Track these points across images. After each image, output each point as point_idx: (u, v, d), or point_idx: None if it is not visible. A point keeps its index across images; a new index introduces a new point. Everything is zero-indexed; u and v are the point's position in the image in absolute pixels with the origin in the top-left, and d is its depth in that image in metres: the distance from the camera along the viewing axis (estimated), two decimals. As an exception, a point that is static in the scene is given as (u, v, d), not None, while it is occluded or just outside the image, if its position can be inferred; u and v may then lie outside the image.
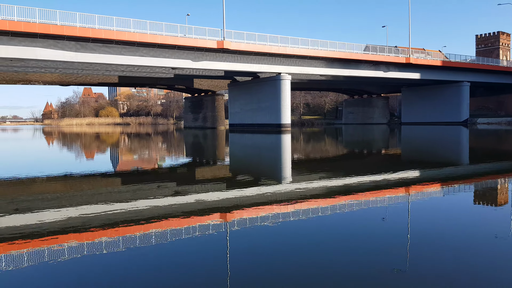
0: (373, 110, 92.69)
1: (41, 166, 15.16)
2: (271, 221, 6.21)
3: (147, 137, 43.27)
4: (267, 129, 57.51)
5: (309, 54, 54.58)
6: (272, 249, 4.82)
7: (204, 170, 13.74)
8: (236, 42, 48.97)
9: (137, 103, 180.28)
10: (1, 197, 8.63)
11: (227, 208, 7.20)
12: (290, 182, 10.26)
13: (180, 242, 5.19)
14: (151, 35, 43.57)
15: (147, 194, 8.59)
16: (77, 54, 41.61)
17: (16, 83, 58.93)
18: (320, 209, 7.02)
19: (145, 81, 64.07)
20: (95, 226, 6.00)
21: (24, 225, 6.08)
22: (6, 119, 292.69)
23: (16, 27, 36.56)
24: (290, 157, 17.94)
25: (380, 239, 5.20)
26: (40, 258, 4.63)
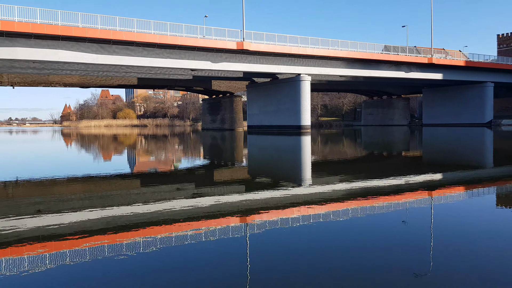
0: (393, 111, 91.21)
1: (61, 167, 15.28)
2: (291, 224, 6.15)
3: (165, 138, 43.15)
4: (286, 130, 56.87)
5: (329, 55, 53.80)
6: (292, 253, 4.75)
7: (223, 172, 13.63)
8: (256, 43, 48.54)
9: (154, 105, 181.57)
10: (24, 198, 8.70)
11: (246, 211, 7.09)
12: (310, 184, 10.05)
13: (200, 244, 5.15)
14: (171, 37, 43.44)
15: (166, 196, 8.59)
16: (98, 56, 41.72)
17: (37, 85, 59.61)
18: (340, 212, 6.93)
19: (164, 83, 64.15)
20: (116, 228, 6.00)
21: (46, 227, 6.09)
22: (25, 121, 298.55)
23: (39, 29, 36.79)
24: (310, 159, 17.68)
25: (402, 243, 5.09)
26: (62, 259, 4.64)
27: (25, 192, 9.48)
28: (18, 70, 48.11)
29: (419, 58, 62.07)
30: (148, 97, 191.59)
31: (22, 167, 15.40)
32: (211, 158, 19.08)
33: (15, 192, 9.49)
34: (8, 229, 5.99)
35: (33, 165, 16.48)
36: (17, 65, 45.56)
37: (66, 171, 13.62)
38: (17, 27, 35.96)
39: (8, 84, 56.34)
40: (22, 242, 5.33)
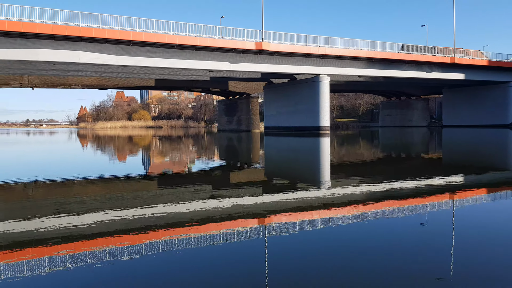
0: (412, 112, 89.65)
1: (79, 168, 15.44)
2: (310, 226, 6.09)
3: (181, 140, 43.07)
4: (304, 132, 56.13)
5: (349, 55, 52.92)
6: (310, 256, 4.73)
7: (240, 173, 13.55)
8: (275, 43, 47.95)
9: (168, 106, 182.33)
10: (43, 199, 8.78)
11: (265, 213, 7.06)
12: (329, 187, 9.92)
13: (219, 247, 5.13)
14: (190, 38, 43.13)
15: (184, 198, 8.58)
16: (117, 57, 41.61)
17: (56, 87, 60.00)
18: (360, 215, 6.82)
19: (181, 84, 64.00)
20: (135, 229, 6.02)
21: (66, 227, 6.16)
22: (42, 122, 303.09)
23: (60, 31, 36.80)
24: (329, 161, 17.51)
25: (423, 247, 5.01)
26: (83, 260, 4.67)
27: (45, 193, 9.52)
28: (38, 72, 48.37)
29: (441, 58, 60.72)
30: (162, 98, 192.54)
31: (41, 168, 15.51)
32: (228, 160, 19.00)
33: (35, 193, 9.56)
34: (29, 229, 6.04)
35: (52, 166, 16.57)
36: (38, 67, 45.76)
37: (84, 172, 13.74)
38: (38, 29, 36.01)
39: (28, 86, 56.80)
40: (43, 243, 5.37)
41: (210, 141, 39.51)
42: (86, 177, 12.46)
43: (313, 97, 55.12)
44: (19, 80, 53.31)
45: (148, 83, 62.30)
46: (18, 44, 36.88)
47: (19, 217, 6.85)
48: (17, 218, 6.83)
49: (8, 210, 7.57)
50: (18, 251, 5.07)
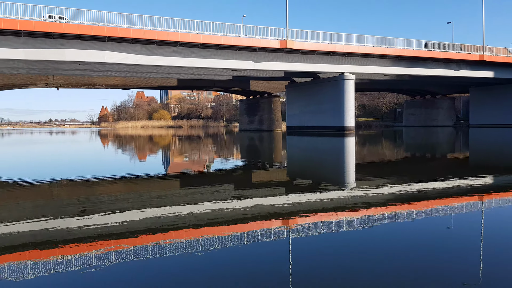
0: (437, 111, 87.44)
1: (102, 168, 15.74)
2: (335, 228, 6.03)
3: (201, 139, 43.00)
4: (328, 131, 55.17)
5: (375, 52, 51.75)
6: (335, 258, 4.69)
7: (263, 173, 13.46)
8: (299, 42, 47.18)
9: (188, 106, 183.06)
10: (68, 198, 8.92)
11: (288, 214, 7.02)
12: (353, 188, 9.83)
13: (243, 248, 5.11)
14: (214, 36, 42.74)
15: (206, 198, 8.57)
16: (142, 57, 41.54)
17: (80, 87, 60.56)
18: (386, 216, 6.74)
19: (203, 84, 63.81)
20: (158, 229, 6.05)
21: (91, 227, 6.19)
22: (65, 122, 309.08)
23: (86, 30, 36.88)
24: (354, 161, 17.30)
25: (451, 250, 4.92)
26: (108, 260, 4.67)
27: (69, 192, 9.67)
28: (63, 72, 48.78)
29: (469, 55, 58.88)
30: (182, 98, 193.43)
31: (65, 167, 15.79)
32: (251, 160, 18.93)
33: (60, 192, 9.71)
34: (55, 229, 6.09)
35: (76, 165, 16.78)
36: (64, 67, 46.11)
37: (107, 171, 13.96)
38: (65, 29, 36.17)
39: (53, 86, 57.48)
40: (69, 242, 5.41)
41: (232, 141, 39.31)
42: (110, 176, 12.56)
43: (337, 96, 54.10)
44: (45, 80, 53.95)
45: (170, 83, 62.31)
46: (45, 44, 37.12)
47: (45, 216, 6.92)
48: (43, 217, 6.89)
49: (35, 209, 7.61)
50: (45, 250, 5.10)
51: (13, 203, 8.38)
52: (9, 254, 4.96)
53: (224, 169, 15.04)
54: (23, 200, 8.70)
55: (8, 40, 35.84)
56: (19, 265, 4.57)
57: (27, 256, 4.87)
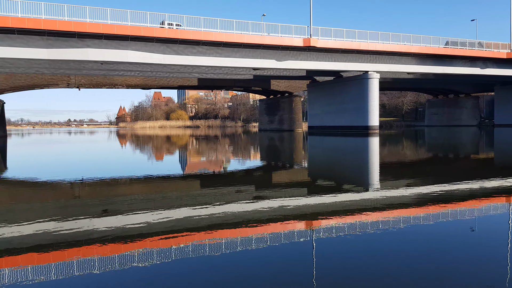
0: (461, 111, 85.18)
1: (123, 167, 15.89)
2: (359, 230, 5.94)
3: (223, 139, 42.69)
4: (351, 131, 54.02)
5: (400, 50, 50.43)
6: (359, 261, 4.60)
7: (286, 174, 13.29)
8: (323, 40, 46.19)
9: (205, 106, 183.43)
10: (90, 198, 8.91)
11: (312, 215, 6.95)
12: (377, 189, 9.62)
13: (266, 249, 5.08)
14: (237, 35, 42.08)
15: (227, 199, 8.49)
16: (164, 56, 41.14)
17: (101, 87, 60.67)
18: (411, 218, 6.67)
19: (223, 83, 63.30)
20: (181, 230, 6.03)
21: (113, 227, 6.18)
22: (83, 122, 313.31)
23: (109, 30, 36.62)
24: (378, 162, 16.98)
25: (476, 254, 4.85)
26: (131, 261, 4.65)
27: (91, 192, 9.69)
28: (86, 72, 48.81)
29: (496, 53, 56.96)
30: (199, 98, 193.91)
31: (86, 167, 15.92)
32: (273, 160, 18.79)
33: (82, 192, 9.71)
34: (79, 229, 6.09)
35: (96, 165, 16.98)
36: (86, 67, 46.13)
37: (127, 171, 14.11)
38: (88, 28, 35.96)
39: (74, 86, 57.70)
40: (93, 242, 5.41)
41: (253, 141, 38.86)
42: (130, 176, 12.61)
43: (361, 95, 52.90)
44: (67, 81, 54.14)
45: (191, 82, 61.95)
46: (69, 44, 36.99)
47: (68, 216, 6.94)
48: (67, 217, 6.92)
49: (58, 209, 7.65)
50: (69, 250, 5.09)
51: (36, 203, 8.42)
52: (33, 254, 4.96)
53: (245, 169, 14.90)
54: (46, 200, 8.72)
55: (31, 40, 35.81)
56: (43, 265, 4.56)
57: (50, 257, 4.86)
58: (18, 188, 10.78)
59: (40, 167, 16.31)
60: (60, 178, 12.35)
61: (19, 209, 7.88)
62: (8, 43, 35.19)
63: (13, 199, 9.10)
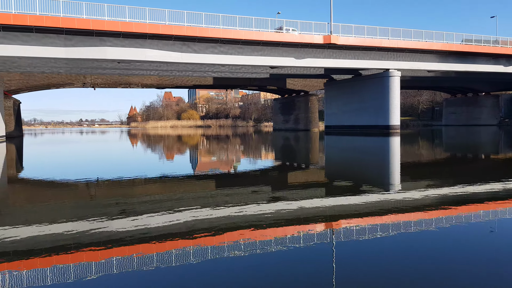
0: (480, 110, 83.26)
1: (137, 167, 15.87)
2: (379, 233, 5.77)
3: (236, 139, 42.34)
4: (371, 131, 52.80)
5: (422, 47, 49.02)
6: (380, 264, 4.47)
7: (305, 174, 13.07)
8: (344, 37, 45.02)
9: (216, 106, 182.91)
10: (107, 198, 8.84)
11: (331, 217, 6.82)
12: (398, 190, 9.43)
13: (284, 252, 4.93)
14: (257, 33, 41.12)
15: (243, 199, 8.37)
16: (182, 54, 40.33)
17: (116, 87, 60.18)
18: (433, 220, 6.50)
19: (239, 82, 62.40)
20: (199, 230, 5.94)
21: (132, 228, 6.11)
22: (95, 122, 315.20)
23: (127, 28, 35.90)
24: (399, 163, 16.60)
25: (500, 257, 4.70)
26: (150, 262, 4.60)
27: (107, 192, 9.66)
28: (102, 71, 48.28)
29: (521, 50, 55.21)
30: (210, 98, 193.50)
31: (100, 167, 15.95)
32: (292, 160, 18.49)
33: (98, 192, 9.68)
34: (98, 230, 6.02)
35: (110, 165, 16.99)
36: (103, 66, 45.56)
37: (141, 171, 14.05)
38: (107, 26, 35.28)
39: (90, 86, 57.26)
40: (110, 244, 5.32)
41: (269, 141, 38.26)
42: (145, 176, 12.53)
43: (381, 93, 51.66)
44: (83, 80, 53.69)
45: (206, 81, 61.16)
46: (87, 42, 36.38)
47: (86, 217, 6.88)
48: (84, 218, 6.86)
49: (75, 210, 7.62)
50: (87, 252, 5.03)
51: (53, 204, 8.36)
52: (51, 257, 4.88)
53: (262, 170, 14.76)
54: (63, 200, 8.67)
55: (49, 39, 35.24)
56: (61, 267, 4.52)
57: (69, 258, 4.81)
58: (34, 188, 10.76)
59: (55, 167, 16.33)
60: (75, 178, 12.36)
61: (37, 210, 7.83)
62: (26, 42, 34.65)
63: (30, 199, 9.07)
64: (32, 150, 29.40)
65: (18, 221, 6.72)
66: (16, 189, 10.77)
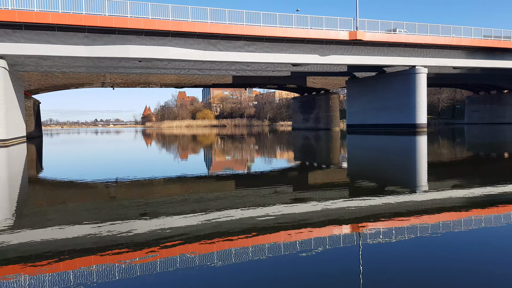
0: (504, 108, 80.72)
1: (155, 166, 15.79)
2: (408, 234, 5.53)
3: (253, 138, 41.77)
4: (396, 129, 51.31)
5: (450, 43, 47.37)
6: (409, 268, 4.32)
7: (327, 174, 12.79)
8: (370, 33, 43.63)
9: (230, 106, 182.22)
10: (127, 199, 8.68)
11: (358, 219, 6.46)
12: (425, 191, 9.03)
13: (311, 256, 4.74)
14: (281, 29, 40.00)
15: (267, 201, 8.10)
16: (205, 52, 39.42)
17: (135, 86, 59.63)
18: (462, 221, 6.20)
19: (258, 81, 61.34)
20: (223, 233, 5.76)
21: (155, 231, 5.95)
22: (109, 122, 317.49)
23: (150, 25, 35.12)
24: (426, 162, 15.93)
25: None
26: (174, 265, 4.51)
27: (127, 193, 9.52)
28: (121, 70, 47.68)
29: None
30: (224, 97, 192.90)
31: (118, 167, 15.78)
32: (312, 159, 18.19)
33: (118, 193, 9.53)
34: (120, 232, 5.89)
35: (128, 164, 16.82)
36: (124, 64, 44.96)
37: (160, 171, 13.92)
38: (129, 24, 34.54)
39: (109, 85, 56.80)
40: (133, 246, 5.20)
41: (289, 140, 37.42)
42: (163, 176, 12.40)
43: (407, 91, 50.13)
44: (102, 80, 53.23)
45: (225, 80, 60.26)
46: (109, 40, 35.69)
47: (108, 219, 6.79)
48: (106, 219, 6.75)
49: (97, 211, 7.47)
50: (111, 255, 4.90)
51: (74, 205, 8.25)
52: (74, 259, 4.76)
53: (283, 168, 14.54)
54: (83, 202, 8.57)
55: (71, 37, 34.65)
56: (84, 270, 4.41)
57: (92, 261, 4.71)
58: (55, 189, 10.66)
59: (73, 167, 16.33)
60: (94, 178, 12.32)
61: (59, 210, 7.71)
62: (47, 40, 34.10)
63: (51, 200, 8.95)
64: (50, 150, 29.46)
65: (40, 223, 6.56)
66: (36, 190, 10.57)
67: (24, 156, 23.07)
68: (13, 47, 33.25)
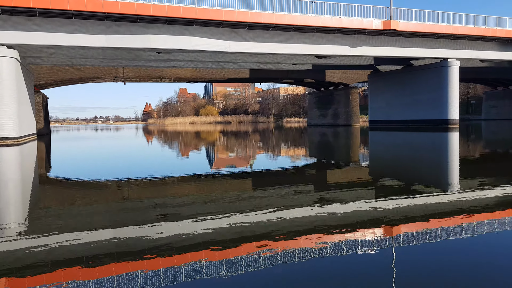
0: (525, 103, 78.35)
1: (167, 165, 15.40)
2: (441, 236, 5.30)
3: (266, 135, 40.66)
4: (426, 126, 48.71)
5: (484, 34, 44.74)
6: (442, 270, 4.14)
7: (354, 173, 12.20)
8: (404, 22, 40.93)
9: (234, 102, 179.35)
10: (141, 200, 8.27)
11: (389, 221, 6.16)
12: (457, 191, 8.48)
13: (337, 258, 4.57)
14: (312, 17, 37.24)
15: (290, 202, 7.63)
16: (230, 43, 36.64)
17: (147, 80, 56.82)
18: (496, 222, 5.93)
19: (276, 75, 58.58)
20: (248, 237, 5.42)
21: (178, 235, 5.57)
22: (109, 119, 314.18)
23: (175, 12, 32.31)
24: (458, 161, 15.18)
25: None
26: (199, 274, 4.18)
27: (141, 193, 9.08)
28: (136, 63, 44.82)
29: None
30: (227, 94, 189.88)
31: (128, 165, 15.33)
32: (336, 158, 17.82)
33: (131, 193, 9.14)
34: (141, 237, 5.48)
35: (138, 163, 16.36)
36: (140, 56, 42.14)
37: (172, 170, 13.58)
38: (152, 11, 31.73)
39: (121, 80, 53.96)
40: (154, 252, 4.86)
41: (307, 137, 35.81)
42: (177, 175, 12.04)
43: (438, 85, 47.49)
44: (114, 73, 50.37)
45: (242, 74, 57.44)
46: (129, 29, 32.89)
47: (127, 223, 6.34)
48: (122, 222, 6.36)
49: (112, 213, 7.12)
50: (131, 262, 4.56)
51: (88, 206, 7.80)
52: (94, 268, 4.37)
53: (303, 166, 14.36)
54: (97, 203, 8.10)
55: (89, 25, 31.82)
56: (105, 279, 4.05)
57: (113, 270, 4.31)
58: (65, 189, 10.27)
59: (81, 166, 15.93)
60: (105, 177, 12.01)
61: (72, 213, 7.29)
62: (63, 29, 31.27)
63: (62, 201, 8.49)
64: (56, 148, 28.76)
65: (52, 227, 6.15)
66: (47, 190, 10.18)
67: (37, 156, 21.60)
68: (27, 36, 30.40)
